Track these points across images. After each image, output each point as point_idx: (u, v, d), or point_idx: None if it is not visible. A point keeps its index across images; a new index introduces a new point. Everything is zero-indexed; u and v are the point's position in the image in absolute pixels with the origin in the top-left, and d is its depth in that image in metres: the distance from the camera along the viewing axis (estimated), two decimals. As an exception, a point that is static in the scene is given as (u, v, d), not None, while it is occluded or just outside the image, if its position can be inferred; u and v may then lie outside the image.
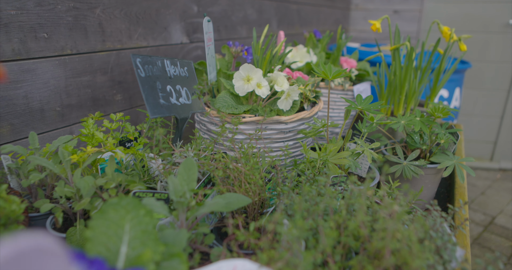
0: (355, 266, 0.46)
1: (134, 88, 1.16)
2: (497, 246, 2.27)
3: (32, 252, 0.21)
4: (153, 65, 0.65)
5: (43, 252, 0.21)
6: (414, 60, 1.10)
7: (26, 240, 0.21)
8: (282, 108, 0.89)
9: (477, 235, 2.37)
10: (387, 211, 0.41)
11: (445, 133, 0.90)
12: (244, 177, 0.60)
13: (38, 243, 0.21)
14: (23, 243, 0.20)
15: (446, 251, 0.49)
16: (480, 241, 2.31)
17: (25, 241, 0.21)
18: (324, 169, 0.69)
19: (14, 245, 0.20)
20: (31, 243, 0.21)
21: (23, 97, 0.89)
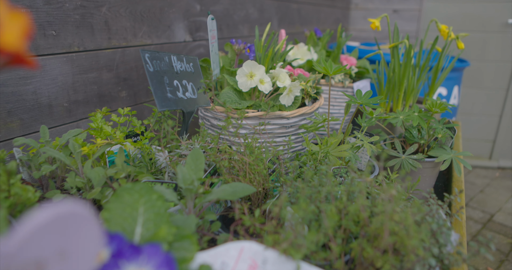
0: (355, 249, 0.49)
1: (138, 85, 1.19)
2: (496, 243, 2.29)
3: (69, 215, 0.23)
4: (161, 60, 0.67)
5: (77, 216, 0.24)
6: (412, 57, 1.12)
7: (64, 205, 0.23)
8: (284, 103, 0.92)
9: (476, 232, 2.40)
10: (385, 195, 0.44)
11: (443, 127, 0.93)
12: (249, 168, 0.63)
13: (74, 208, 0.24)
14: (61, 208, 0.23)
15: (441, 235, 0.52)
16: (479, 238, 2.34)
17: (63, 206, 0.23)
18: (325, 160, 0.72)
19: (54, 209, 0.23)
20: (68, 208, 0.23)
21: (32, 92, 0.91)
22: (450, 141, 0.96)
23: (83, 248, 0.25)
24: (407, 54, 1.11)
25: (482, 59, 2.93)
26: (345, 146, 0.77)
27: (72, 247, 0.24)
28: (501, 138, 3.08)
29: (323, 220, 0.45)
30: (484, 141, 3.15)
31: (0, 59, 0.26)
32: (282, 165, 0.68)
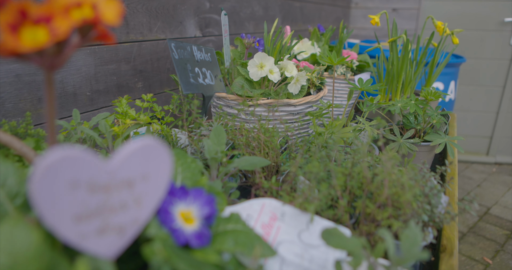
0: (359, 207, 0.58)
1: (153, 77, 1.27)
2: (491, 234, 2.39)
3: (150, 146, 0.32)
4: (184, 49, 0.76)
5: (156, 148, 0.32)
6: (410, 51, 1.21)
7: (147, 139, 0.32)
8: (292, 91, 1.01)
9: (473, 224, 2.49)
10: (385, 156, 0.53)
11: (437, 114, 1.02)
12: (264, 143, 0.72)
13: (153, 142, 0.32)
14: (145, 141, 0.32)
15: (433, 197, 0.60)
16: (475, 230, 2.43)
17: (146, 140, 0.32)
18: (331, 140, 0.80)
19: (140, 141, 0.31)
20: (149, 141, 0.32)
21: (60, 81, 1.00)
22: (444, 127, 1.05)
23: (158, 174, 0.33)
24: (404, 48, 1.20)
25: (479, 57, 3.02)
26: (348, 128, 0.86)
27: (151, 172, 0.32)
28: (498, 134, 3.17)
29: (332, 179, 0.53)
30: (481, 137, 3.24)
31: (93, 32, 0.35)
32: (293, 143, 0.76)
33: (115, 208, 0.31)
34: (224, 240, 0.42)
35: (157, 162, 0.32)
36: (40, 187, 0.27)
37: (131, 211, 0.32)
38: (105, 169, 0.29)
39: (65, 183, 0.28)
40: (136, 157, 0.31)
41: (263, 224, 0.52)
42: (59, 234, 0.29)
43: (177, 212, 0.40)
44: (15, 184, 0.40)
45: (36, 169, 0.26)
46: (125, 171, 0.31)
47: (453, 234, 0.78)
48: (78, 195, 0.29)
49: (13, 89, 0.90)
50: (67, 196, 0.28)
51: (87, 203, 0.29)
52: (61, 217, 0.28)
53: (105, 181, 0.30)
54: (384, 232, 0.40)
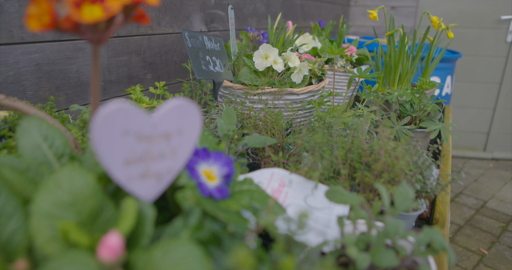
0: (358, 177, 0.64)
1: (161, 69, 1.34)
2: (488, 226, 2.45)
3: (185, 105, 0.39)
4: (196, 38, 0.83)
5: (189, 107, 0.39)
6: (406, 44, 1.28)
7: (182, 99, 0.39)
8: (295, 81, 1.07)
9: (470, 217, 2.56)
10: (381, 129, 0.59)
11: (432, 103, 1.08)
12: (270, 124, 0.78)
13: (188, 102, 0.39)
14: (181, 100, 0.38)
15: (425, 169, 0.67)
16: (472, 222, 2.50)
17: (182, 99, 0.38)
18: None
19: (176, 100, 0.38)
20: (184, 101, 0.39)
21: (76, 71, 1.06)
22: (438, 115, 1.12)
23: (190, 130, 0.39)
24: (401, 41, 1.27)
25: (476, 54, 3.09)
26: (348, 113, 0.93)
27: (185, 128, 0.39)
28: (495, 130, 3.24)
29: (334, 150, 0.60)
30: (478, 133, 3.31)
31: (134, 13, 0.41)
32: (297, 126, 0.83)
33: (155, 157, 0.38)
34: (241, 196, 0.49)
35: (190, 119, 0.39)
36: (99, 133, 0.33)
37: (168, 161, 0.39)
38: (149, 122, 0.36)
39: (119, 131, 0.34)
40: (173, 114, 0.37)
41: (273, 189, 0.59)
42: (112, 175, 0.36)
43: (201, 170, 0.47)
44: (61, 145, 0.46)
45: (96, 117, 0.33)
46: (164, 125, 0.37)
47: (445, 209, 0.85)
48: (128, 142, 0.35)
49: (33, 77, 0.97)
50: (119, 142, 0.34)
51: (134, 150, 0.36)
52: (115, 160, 0.35)
53: (148, 132, 0.36)
54: (379, 186, 0.46)
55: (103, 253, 0.33)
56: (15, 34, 0.91)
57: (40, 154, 0.45)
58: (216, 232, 0.38)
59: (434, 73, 2.02)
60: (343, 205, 0.54)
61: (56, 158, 0.46)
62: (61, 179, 0.36)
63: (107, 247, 0.33)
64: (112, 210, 0.39)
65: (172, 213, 0.48)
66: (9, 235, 0.36)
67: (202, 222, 0.38)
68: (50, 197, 0.36)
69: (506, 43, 3.01)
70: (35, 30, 0.36)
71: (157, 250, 0.35)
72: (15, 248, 0.36)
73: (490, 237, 2.36)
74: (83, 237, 0.34)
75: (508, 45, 3.01)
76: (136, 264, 0.36)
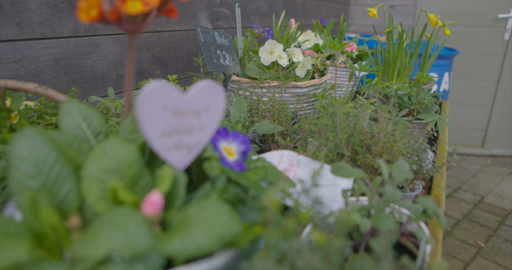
0: (360, 159, 0.71)
1: (170, 64, 1.40)
2: (485, 220, 2.52)
3: (211, 86, 0.45)
4: (208, 34, 0.89)
5: (215, 88, 0.45)
6: (405, 40, 1.35)
7: (209, 81, 0.45)
8: (299, 75, 1.14)
9: (467, 211, 2.62)
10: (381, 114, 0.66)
11: (428, 95, 1.15)
12: (277, 113, 0.85)
13: (214, 83, 0.45)
14: (208, 82, 0.45)
15: (421, 152, 0.74)
16: (469, 217, 2.57)
17: (209, 81, 0.45)
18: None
19: (204, 82, 0.44)
20: (211, 82, 0.45)
21: (91, 66, 1.13)
22: (435, 107, 1.18)
23: (216, 108, 0.46)
24: (400, 38, 1.34)
25: (474, 52, 3.16)
26: (349, 104, 0.99)
27: (211, 106, 0.45)
28: (493, 127, 3.31)
29: (338, 134, 0.66)
30: (476, 130, 3.38)
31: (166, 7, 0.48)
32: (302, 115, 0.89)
33: (186, 130, 0.44)
34: (256, 171, 0.55)
35: (216, 98, 0.45)
36: (143, 107, 0.39)
37: (197, 135, 0.45)
38: (183, 99, 0.42)
39: (158, 106, 0.40)
40: (202, 93, 0.44)
41: (283, 168, 0.65)
42: (151, 145, 0.42)
43: (221, 147, 0.53)
44: (98, 125, 0.53)
45: (140, 93, 0.39)
46: (195, 103, 0.44)
47: (440, 193, 0.91)
48: (165, 116, 0.41)
49: (52, 71, 1.03)
50: (159, 116, 0.41)
51: (170, 123, 0.42)
52: (154, 132, 0.41)
53: (182, 108, 0.42)
54: (380, 161, 0.53)
55: (147, 208, 0.39)
56: (36, 30, 0.97)
57: (80, 132, 0.51)
58: (239, 195, 0.44)
59: (432, 69, 2.08)
60: (347, 180, 0.60)
61: (94, 135, 0.52)
62: (107, 149, 0.43)
63: (150, 202, 0.39)
64: (148, 177, 0.45)
65: (195, 186, 0.54)
66: (64, 196, 0.42)
67: (227, 187, 0.45)
68: (98, 164, 0.42)
69: (504, 41, 3.08)
70: (85, 21, 0.43)
71: (191, 208, 0.41)
72: (68, 207, 0.42)
73: (487, 231, 2.42)
74: (129, 196, 0.40)
75: (505, 43, 3.08)
76: (171, 222, 0.42)
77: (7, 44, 0.92)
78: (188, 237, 0.38)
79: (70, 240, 0.41)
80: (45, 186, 0.41)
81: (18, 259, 0.35)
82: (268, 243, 0.34)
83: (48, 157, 0.41)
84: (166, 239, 0.38)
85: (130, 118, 0.51)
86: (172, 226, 0.42)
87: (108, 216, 0.38)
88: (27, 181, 0.40)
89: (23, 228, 0.39)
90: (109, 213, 0.38)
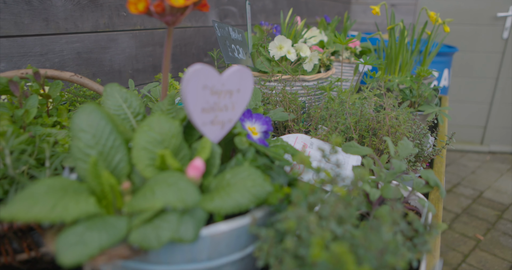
0: (366, 142, 0.78)
1: (181, 59, 1.47)
2: (483, 214, 2.60)
3: (242, 70, 0.52)
4: (223, 29, 0.96)
5: (246, 72, 0.53)
6: (406, 37, 1.42)
7: (239, 66, 0.52)
8: (306, 69, 1.21)
9: (467, 206, 2.70)
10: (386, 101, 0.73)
11: (429, 88, 1.23)
12: (289, 102, 0.92)
13: (244, 68, 0.53)
14: (238, 66, 0.52)
15: (423, 137, 0.81)
16: (469, 211, 2.64)
17: (239, 66, 0.52)
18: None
19: (235, 67, 0.52)
20: (242, 67, 0.52)
21: (109, 60, 1.20)
22: (435, 100, 1.26)
23: (245, 90, 0.53)
24: (401, 35, 1.41)
25: (473, 50, 3.24)
26: (355, 95, 1.06)
27: (242, 88, 0.52)
28: (492, 124, 3.39)
29: (347, 120, 0.74)
30: (475, 127, 3.46)
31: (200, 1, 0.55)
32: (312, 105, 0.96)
33: (221, 108, 0.51)
34: (276, 148, 0.62)
35: (246, 81, 0.52)
36: (187, 86, 0.47)
37: (229, 113, 0.52)
38: (219, 80, 0.49)
39: (200, 85, 0.48)
40: (235, 76, 0.51)
41: (298, 149, 0.73)
42: (192, 119, 0.49)
43: (246, 126, 0.60)
44: (137, 106, 0.60)
45: (186, 74, 0.46)
46: (229, 84, 0.51)
47: (440, 178, 0.99)
48: (205, 95, 0.48)
49: (74, 64, 1.10)
50: (200, 94, 0.48)
51: (208, 101, 0.49)
52: (196, 108, 0.48)
53: (219, 88, 0.50)
54: (387, 138, 0.60)
55: (191, 172, 0.46)
56: (61, 25, 1.04)
57: (122, 112, 0.58)
58: (266, 163, 0.52)
59: (432, 66, 2.16)
60: (356, 158, 0.67)
61: (133, 116, 0.59)
62: (153, 123, 0.50)
63: (194, 167, 0.46)
64: (186, 149, 0.53)
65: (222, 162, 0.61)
66: (116, 163, 0.49)
67: (256, 157, 0.52)
68: (145, 136, 0.49)
69: (502, 39, 3.16)
70: (134, 13, 0.50)
71: (227, 173, 0.48)
72: (120, 173, 0.49)
73: (486, 224, 2.50)
74: (174, 162, 0.47)
75: (504, 41, 3.16)
76: (209, 187, 0.50)
77: (35, 39, 0.99)
78: (227, 196, 0.45)
79: (122, 200, 0.48)
80: (102, 154, 0.48)
81: (88, 211, 0.42)
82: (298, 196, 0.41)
83: (105, 129, 0.48)
84: (208, 198, 0.45)
85: (167, 100, 0.58)
86: (209, 190, 0.49)
87: (159, 177, 0.45)
88: (87, 149, 0.48)
89: (85, 189, 0.46)
90: (160, 175, 0.45)
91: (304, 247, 0.39)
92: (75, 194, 0.44)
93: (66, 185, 0.45)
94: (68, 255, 0.38)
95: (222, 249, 0.46)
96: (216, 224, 0.45)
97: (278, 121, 0.89)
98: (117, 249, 0.42)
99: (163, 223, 0.41)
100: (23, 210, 0.39)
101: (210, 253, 0.46)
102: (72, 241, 0.39)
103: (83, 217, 0.42)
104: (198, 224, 0.43)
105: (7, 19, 0.92)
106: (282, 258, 0.40)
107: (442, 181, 0.97)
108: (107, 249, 0.41)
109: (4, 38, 0.92)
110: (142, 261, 0.46)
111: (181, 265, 0.46)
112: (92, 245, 0.39)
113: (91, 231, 0.40)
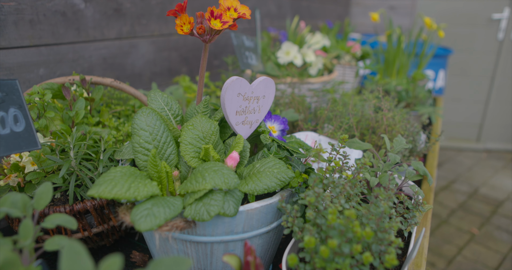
0: (367, 139, 0.91)
1: (193, 63, 1.60)
2: (479, 210, 2.74)
3: (267, 79, 0.65)
4: (239, 38, 1.09)
5: (270, 81, 0.66)
6: (403, 41, 1.55)
7: (265, 77, 0.65)
8: (311, 73, 1.34)
9: (463, 201, 2.84)
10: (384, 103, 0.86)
11: (423, 90, 1.36)
12: (298, 103, 1.05)
13: (268, 77, 0.66)
14: (264, 77, 0.65)
15: (416, 134, 0.94)
16: (465, 207, 2.78)
17: (265, 77, 0.65)
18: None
19: (262, 77, 0.65)
20: (267, 77, 0.65)
21: (130, 64, 1.32)
22: (429, 101, 1.39)
23: (269, 96, 0.66)
24: (398, 40, 1.54)
25: (469, 50, 3.38)
26: (356, 97, 1.20)
27: (266, 94, 0.65)
28: (488, 122, 3.54)
29: (350, 119, 0.87)
30: (472, 126, 3.60)
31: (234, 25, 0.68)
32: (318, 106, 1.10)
33: (250, 111, 0.64)
34: (292, 144, 0.75)
35: (270, 89, 0.65)
36: (225, 94, 0.60)
37: (256, 115, 0.65)
38: (250, 88, 0.62)
39: (235, 93, 0.60)
40: (262, 85, 0.64)
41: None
42: (229, 120, 0.62)
43: (267, 125, 0.73)
44: (176, 109, 0.73)
45: (225, 84, 0.59)
46: (257, 91, 0.64)
47: (433, 171, 1.12)
48: (239, 100, 0.61)
49: (101, 68, 1.23)
50: (235, 100, 0.61)
51: (241, 106, 0.62)
52: (232, 111, 0.61)
53: (249, 95, 0.62)
54: (384, 135, 0.73)
55: (229, 162, 0.59)
56: (90, 34, 1.17)
57: (165, 114, 0.71)
58: (287, 156, 0.65)
59: (428, 67, 2.30)
60: (358, 152, 0.81)
61: (173, 117, 0.72)
62: (196, 123, 0.63)
63: (232, 157, 0.59)
64: (222, 145, 0.66)
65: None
66: (168, 156, 0.62)
67: (278, 151, 0.65)
68: (190, 133, 0.62)
69: (497, 40, 3.30)
70: (181, 33, 0.63)
71: (257, 163, 0.62)
72: (170, 163, 0.62)
73: (481, 219, 2.64)
74: (216, 154, 0.60)
75: (499, 42, 3.30)
76: (242, 174, 0.63)
77: (68, 46, 1.12)
78: (258, 180, 0.58)
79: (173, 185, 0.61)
80: (156, 148, 0.61)
81: (153, 192, 0.55)
82: (316, 179, 0.54)
83: (159, 128, 0.61)
84: (243, 183, 0.58)
85: (203, 103, 0.71)
86: (242, 177, 0.62)
87: (206, 165, 0.58)
88: (145, 144, 0.60)
89: (145, 175, 0.59)
90: (205, 164, 0.58)
91: (320, 217, 0.52)
92: (141, 179, 0.57)
93: (132, 172, 0.58)
94: (143, 223, 0.51)
95: (253, 223, 0.59)
96: (250, 203, 0.58)
97: (289, 120, 1.02)
98: (176, 221, 0.55)
99: (211, 200, 0.54)
100: (107, 190, 0.52)
101: (244, 226, 0.59)
102: (144, 213, 0.52)
103: (148, 197, 0.54)
104: (237, 202, 0.56)
105: (46, 29, 1.04)
106: (303, 227, 0.53)
107: (434, 174, 1.11)
108: (169, 221, 0.54)
109: (43, 46, 1.05)
110: (190, 234, 0.59)
111: (222, 236, 0.59)
112: (160, 217, 0.52)
113: (157, 207, 0.53)
